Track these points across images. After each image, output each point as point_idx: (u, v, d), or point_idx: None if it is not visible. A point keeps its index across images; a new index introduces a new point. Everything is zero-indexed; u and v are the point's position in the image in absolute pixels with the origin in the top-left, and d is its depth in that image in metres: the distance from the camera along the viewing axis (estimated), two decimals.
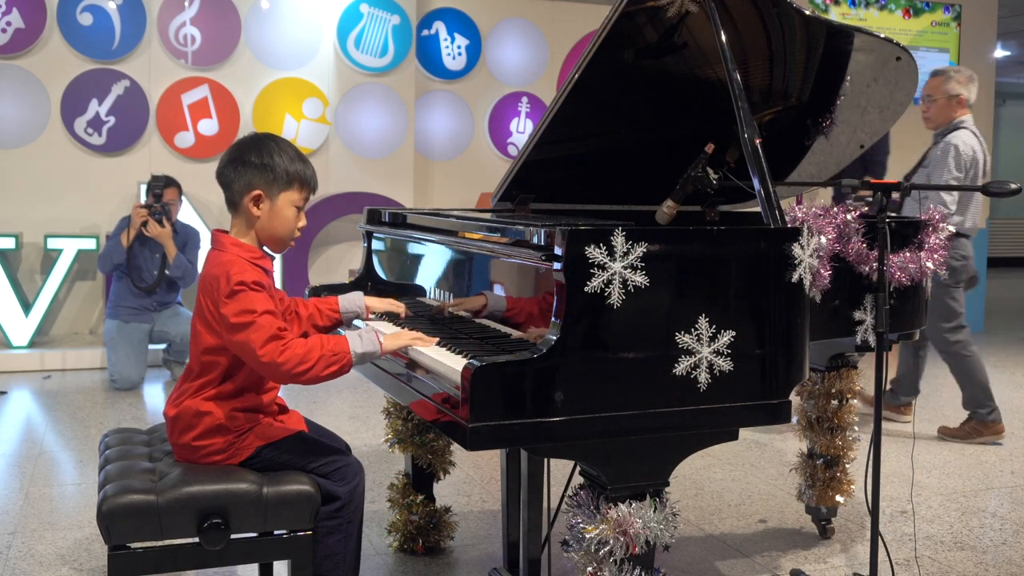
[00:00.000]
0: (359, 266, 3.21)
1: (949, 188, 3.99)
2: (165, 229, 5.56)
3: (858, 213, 2.69)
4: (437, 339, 2.30)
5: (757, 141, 2.32)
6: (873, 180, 2.54)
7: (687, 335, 2.01)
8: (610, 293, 1.94)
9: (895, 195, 3.00)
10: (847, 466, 3.30)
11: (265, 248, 2.33)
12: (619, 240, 1.95)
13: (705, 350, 2.03)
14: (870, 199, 3.33)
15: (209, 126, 6.72)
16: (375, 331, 2.24)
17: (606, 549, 2.00)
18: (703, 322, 2.03)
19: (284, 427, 2.32)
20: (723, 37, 2.42)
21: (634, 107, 2.97)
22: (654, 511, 2.04)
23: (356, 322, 2.60)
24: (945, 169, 4.52)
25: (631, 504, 2.02)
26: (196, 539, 2.11)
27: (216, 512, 2.11)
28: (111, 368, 5.59)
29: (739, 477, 4.10)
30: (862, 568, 3.08)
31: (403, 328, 2.41)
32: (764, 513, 3.65)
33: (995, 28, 8.61)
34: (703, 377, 2.02)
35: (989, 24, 8.56)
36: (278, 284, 6.60)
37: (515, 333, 2.23)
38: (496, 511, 3.58)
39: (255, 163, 2.26)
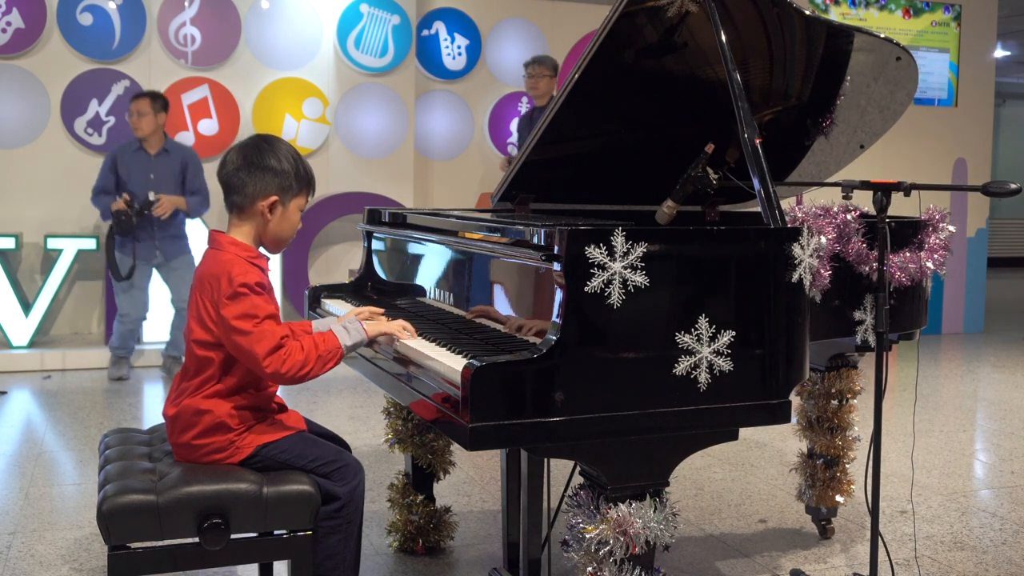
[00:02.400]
0: (359, 266, 3.22)
1: (952, 188, 3.98)
2: (162, 206, 5.58)
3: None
4: (416, 329, 2.36)
5: (757, 141, 2.32)
6: (874, 180, 2.54)
7: (687, 335, 2.01)
8: (610, 293, 1.94)
9: None
10: (847, 466, 3.30)
11: (261, 248, 2.34)
12: (619, 240, 1.95)
13: (705, 350, 2.03)
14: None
15: (209, 126, 6.72)
16: (359, 321, 2.32)
17: (606, 549, 2.00)
18: (703, 322, 2.03)
19: (284, 426, 2.32)
20: (723, 37, 2.42)
21: (634, 107, 2.97)
22: (654, 511, 2.04)
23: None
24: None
25: (631, 504, 2.02)
26: (196, 539, 2.11)
27: (216, 512, 2.11)
28: (120, 307, 5.75)
29: (739, 477, 4.10)
30: (862, 568, 3.08)
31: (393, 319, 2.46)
32: (764, 513, 3.65)
33: (995, 28, 8.62)
34: (703, 377, 2.02)
35: (989, 24, 8.56)
36: (277, 285, 6.61)
37: (515, 333, 2.23)
38: (496, 511, 3.58)
39: (274, 168, 2.26)
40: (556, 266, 1.94)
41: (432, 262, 2.76)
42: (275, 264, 6.61)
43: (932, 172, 8.29)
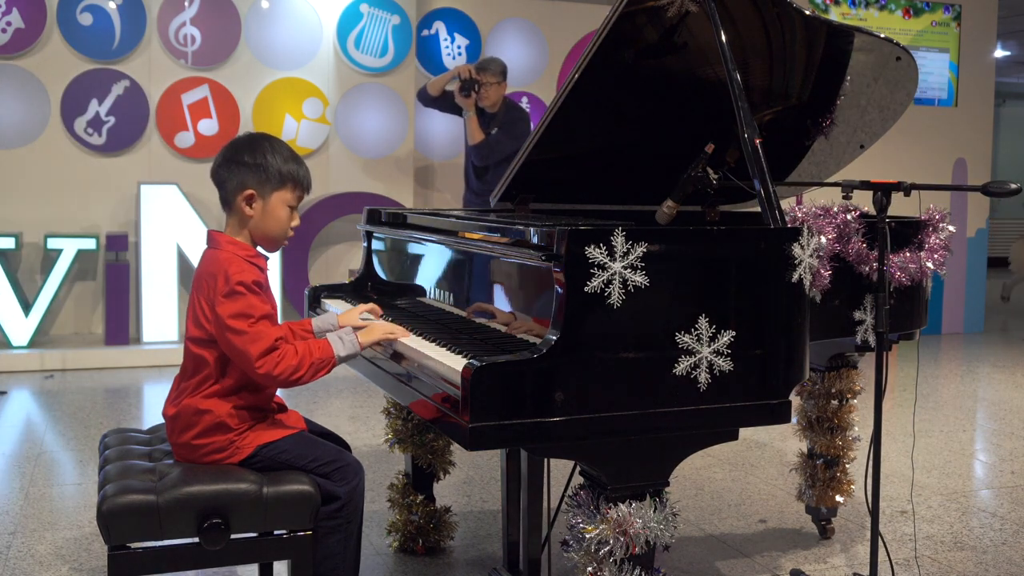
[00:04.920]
0: (359, 266, 3.22)
1: (952, 188, 3.98)
2: None
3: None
4: (411, 332, 2.35)
5: (757, 141, 2.32)
6: (874, 180, 2.54)
7: (687, 335, 2.01)
8: (610, 293, 1.94)
9: None
10: (847, 466, 3.30)
11: (258, 247, 2.34)
12: (619, 240, 1.95)
13: (705, 350, 2.03)
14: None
15: (209, 126, 6.72)
16: (354, 332, 2.32)
17: (606, 549, 2.00)
18: (703, 322, 2.03)
19: (284, 426, 2.32)
20: (723, 37, 2.42)
21: (634, 107, 2.97)
22: (654, 511, 2.04)
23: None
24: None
25: (631, 504, 2.02)
26: (196, 539, 2.11)
27: (216, 512, 2.11)
28: None
29: (739, 477, 4.10)
30: (862, 568, 3.08)
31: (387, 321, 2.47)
32: (764, 513, 3.65)
33: (995, 28, 8.61)
34: (703, 377, 2.02)
35: (989, 24, 8.56)
36: (277, 285, 6.61)
37: (515, 333, 2.23)
38: (496, 511, 3.58)
39: (248, 163, 2.27)
40: (556, 266, 1.94)
41: (432, 262, 2.76)
42: (275, 264, 6.61)
43: (932, 172, 8.29)
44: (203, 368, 2.25)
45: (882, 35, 2.94)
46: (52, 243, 6.25)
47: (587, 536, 2.01)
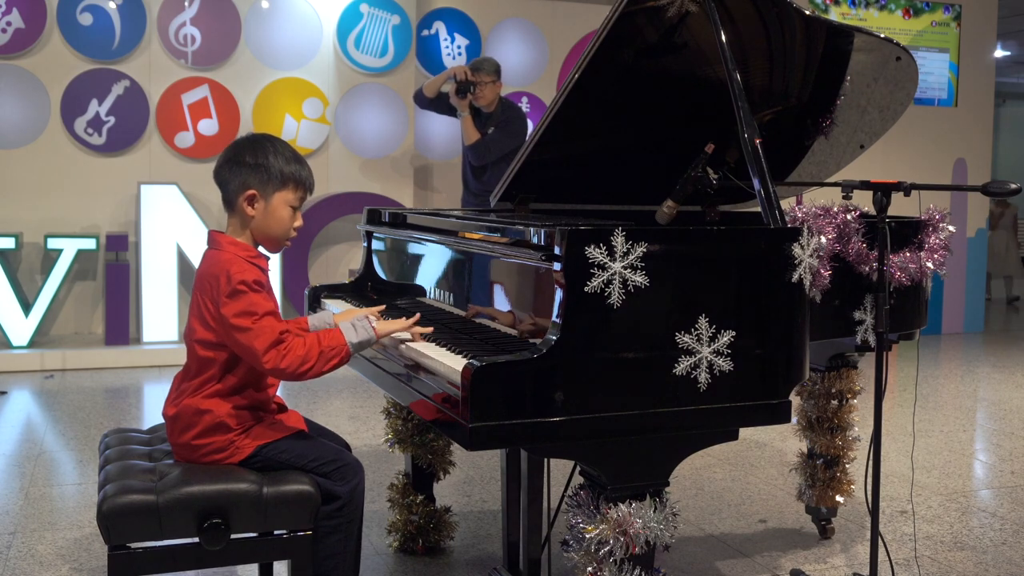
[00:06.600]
0: (359, 266, 3.22)
1: (952, 188, 3.97)
2: None
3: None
4: (431, 327, 2.33)
5: (757, 141, 2.32)
6: (874, 180, 2.54)
7: (687, 335, 2.01)
8: (610, 293, 1.94)
9: None
10: (847, 466, 3.30)
11: (260, 248, 2.34)
12: (619, 240, 1.95)
13: (705, 350, 2.03)
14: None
15: (209, 126, 6.72)
16: (368, 319, 2.29)
17: (606, 549, 2.00)
18: (703, 322, 2.03)
19: (284, 426, 2.32)
20: (723, 37, 2.43)
21: (634, 107, 2.97)
22: (654, 511, 2.04)
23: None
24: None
25: (631, 504, 2.02)
26: (196, 539, 2.11)
27: (216, 512, 2.11)
28: None
29: (739, 477, 4.10)
30: (862, 568, 3.08)
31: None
32: (764, 513, 3.65)
33: (995, 28, 8.62)
34: (703, 377, 2.02)
35: (989, 24, 8.56)
36: (277, 285, 6.61)
37: (515, 333, 2.23)
38: (496, 511, 3.58)
39: (250, 163, 2.28)
40: (556, 266, 1.94)
41: (432, 262, 2.76)
42: (275, 264, 6.61)
43: (932, 172, 8.29)
44: (207, 369, 2.25)
45: (882, 35, 2.94)
46: (52, 243, 6.25)
47: (587, 536, 2.01)
